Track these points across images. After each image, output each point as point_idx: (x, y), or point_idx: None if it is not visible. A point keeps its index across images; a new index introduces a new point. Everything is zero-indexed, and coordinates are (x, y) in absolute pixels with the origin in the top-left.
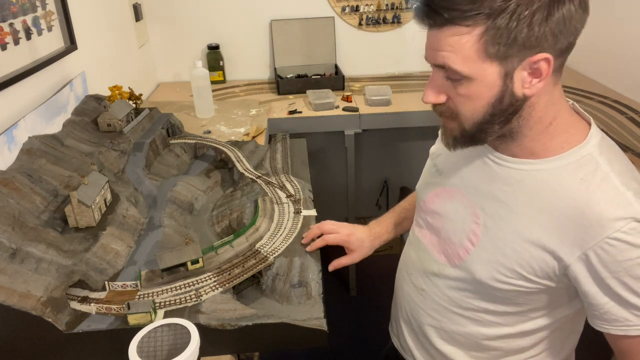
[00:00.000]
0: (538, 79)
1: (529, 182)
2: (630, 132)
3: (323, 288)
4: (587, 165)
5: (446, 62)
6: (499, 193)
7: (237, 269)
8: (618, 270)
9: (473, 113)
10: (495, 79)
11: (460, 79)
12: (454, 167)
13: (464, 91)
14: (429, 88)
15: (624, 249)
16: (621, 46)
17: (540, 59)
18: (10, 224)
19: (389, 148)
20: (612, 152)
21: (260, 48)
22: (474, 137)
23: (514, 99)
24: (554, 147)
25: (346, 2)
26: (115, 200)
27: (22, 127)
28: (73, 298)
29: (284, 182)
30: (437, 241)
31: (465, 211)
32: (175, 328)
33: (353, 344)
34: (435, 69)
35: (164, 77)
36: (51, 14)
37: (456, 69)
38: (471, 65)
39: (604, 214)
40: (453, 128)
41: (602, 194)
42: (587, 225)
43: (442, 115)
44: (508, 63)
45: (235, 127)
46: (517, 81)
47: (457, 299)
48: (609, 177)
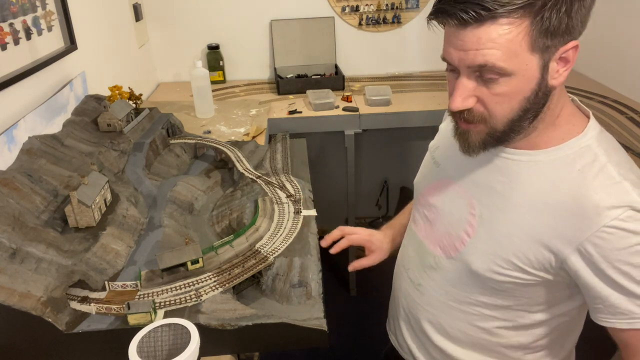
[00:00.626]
0: (565, 68)
1: (526, 173)
2: (630, 132)
3: (323, 288)
4: (585, 156)
5: (489, 60)
6: (496, 184)
7: (237, 269)
8: (617, 259)
9: (510, 112)
10: (535, 72)
11: (498, 77)
12: (451, 159)
13: (501, 89)
14: (457, 95)
15: (621, 236)
16: (621, 46)
17: (571, 47)
18: (10, 224)
19: (389, 148)
20: (610, 144)
21: (260, 48)
22: (501, 138)
23: (547, 91)
24: (555, 138)
25: (346, 2)
26: (115, 200)
27: (22, 127)
28: (73, 298)
29: (284, 182)
30: (433, 233)
31: (461, 202)
32: (175, 328)
33: (353, 344)
34: (466, 72)
35: (164, 77)
36: (51, 14)
37: (500, 67)
38: (515, 60)
39: (601, 203)
40: (480, 131)
41: (599, 184)
42: (584, 216)
43: (468, 122)
44: (547, 53)
45: (235, 127)
46: (551, 72)
47: (454, 293)
48: (606, 168)
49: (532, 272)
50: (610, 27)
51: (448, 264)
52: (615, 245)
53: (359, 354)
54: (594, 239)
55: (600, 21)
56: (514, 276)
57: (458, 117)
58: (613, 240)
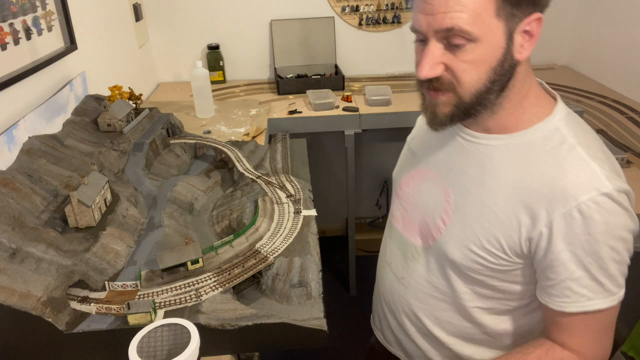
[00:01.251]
0: (529, 42)
1: (498, 156)
2: (630, 132)
3: (323, 288)
4: (554, 138)
5: (456, 23)
6: (469, 169)
7: (237, 269)
8: (575, 243)
9: (477, 81)
10: (501, 40)
11: (466, 43)
12: (427, 147)
13: (468, 57)
14: (425, 61)
15: (584, 223)
16: (621, 46)
17: (534, 19)
18: (10, 224)
19: (389, 148)
20: (578, 125)
21: (260, 48)
22: (469, 110)
23: (512, 63)
24: (524, 120)
25: (346, 2)
26: (115, 200)
27: (22, 127)
28: (73, 298)
29: (284, 182)
30: (411, 224)
31: (437, 190)
32: (175, 328)
33: (353, 344)
34: (434, 38)
35: (164, 77)
36: (51, 14)
37: (467, 30)
38: (481, 24)
39: (569, 185)
40: (447, 101)
41: (568, 166)
42: (553, 197)
43: (437, 90)
44: (512, 22)
45: (235, 127)
46: (516, 43)
47: (435, 283)
48: (575, 149)
49: (504, 256)
50: (610, 27)
51: (427, 253)
52: (576, 231)
53: (359, 354)
54: (561, 219)
55: (600, 21)
56: (488, 262)
57: (426, 86)
58: (575, 225)
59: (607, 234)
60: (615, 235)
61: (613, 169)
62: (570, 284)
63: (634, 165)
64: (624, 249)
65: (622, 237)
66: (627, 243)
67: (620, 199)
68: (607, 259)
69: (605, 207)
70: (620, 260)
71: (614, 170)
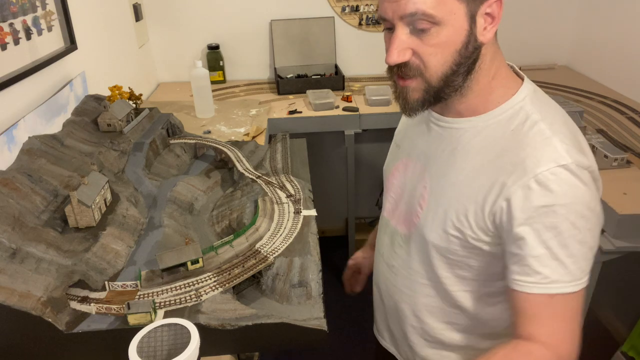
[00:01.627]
0: (491, 24)
1: (467, 138)
2: (630, 132)
3: (323, 288)
4: (518, 115)
5: (419, 7)
6: (442, 154)
7: (237, 269)
8: (534, 215)
9: (443, 64)
10: (463, 22)
11: (430, 27)
12: (408, 139)
13: (433, 40)
14: (393, 47)
15: (542, 193)
16: (621, 46)
17: (494, 1)
18: (10, 224)
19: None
20: (543, 102)
21: (260, 48)
22: (438, 93)
23: (476, 45)
24: (492, 101)
25: (346, 2)
26: (115, 200)
27: (22, 127)
28: (73, 298)
29: (284, 182)
30: (398, 213)
31: (416, 178)
32: (175, 328)
33: (353, 344)
34: (400, 24)
35: (164, 77)
36: (51, 14)
37: (430, 13)
38: (443, 7)
39: (528, 157)
40: (416, 87)
41: (529, 140)
42: (513, 171)
43: (405, 76)
44: (473, 4)
45: (235, 127)
46: (479, 25)
47: (419, 269)
48: (537, 125)
49: (474, 235)
50: (610, 27)
51: (410, 240)
52: (534, 203)
53: (359, 354)
54: (519, 190)
55: (600, 21)
56: (462, 240)
57: (396, 73)
58: (535, 195)
59: (565, 207)
60: (575, 210)
61: (576, 144)
62: (531, 261)
63: (634, 165)
64: (586, 228)
65: (583, 214)
66: (589, 222)
67: (579, 173)
68: (567, 235)
69: (563, 179)
70: (582, 241)
71: (576, 145)
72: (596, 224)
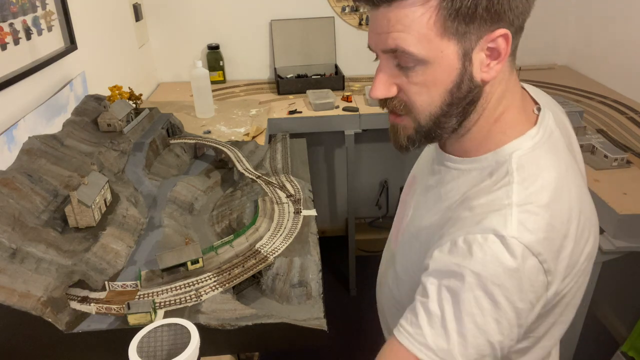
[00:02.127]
0: (496, 61)
1: (447, 178)
2: (630, 132)
3: (323, 288)
4: (499, 170)
5: (399, 44)
6: (425, 187)
7: (237, 269)
8: (443, 270)
9: (430, 104)
10: (454, 61)
11: (414, 65)
12: (422, 157)
13: (418, 79)
14: (377, 81)
15: (460, 253)
16: (621, 46)
17: (498, 36)
18: (10, 224)
19: (389, 148)
20: (540, 162)
21: (260, 48)
22: (429, 134)
23: (472, 85)
24: (484, 147)
25: (346, 2)
26: (115, 200)
27: (22, 127)
28: (73, 298)
29: (284, 182)
30: (394, 229)
31: (408, 202)
32: (175, 328)
33: (353, 344)
34: (384, 58)
35: (164, 77)
36: (51, 14)
37: (411, 52)
38: (427, 45)
39: (474, 216)
40: (406, 126)
41: (488, 200)
42: (454, 223)
43: (393, 112)
44: (466, 41)
45: (235, 127)
46: (476, 63)
47: (394, 293)
48: (507, 187)
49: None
50: (610, 27)
51: (392, 261)
52: (455, 259)
53: (359, 354)
54: (447, 243)
55: (600, 21)
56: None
57: (387, 107)
58: (456, 252)
59: (476, 278)
60: (486, 288)
61: (545, 227)
62: (420, 312)
63: (634, 165)
64: (492, 316)
65: (494, 298)
66: (498, 312)
67: (518, 253)
68: (465, 310)
69: (492, 248)
70: (481, 327)
71: (543, 228)
72: (509, 320)
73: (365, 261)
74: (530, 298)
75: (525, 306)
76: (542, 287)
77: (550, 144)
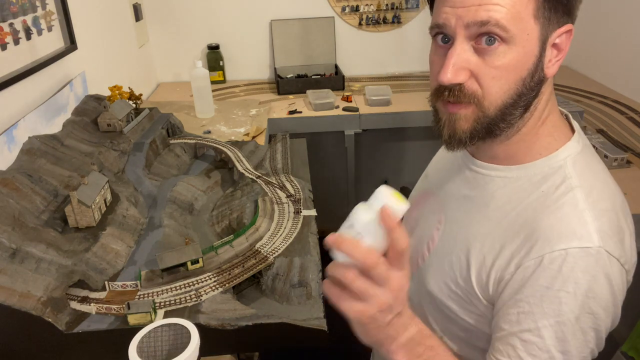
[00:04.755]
0: (557, 57)
1: (492, 187)
2: (630, 132)
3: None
4: (554, 176)
5: (493, 16)
6: (462, 198)
7: (237, 269)
8: (536, 295)
9: (505, 91)
10: (535, 46)
11: (498, 45)
12: (438, 171)
13: (500, 61)
14: (449, 64)
15: (551, 274)
16: (621, 46)
17: (565, 31)
18: (10, 224)
19: (389, 148)
20: (589, 166)
21: (260, 48)
22: (491, 127)
23: (541, 76)
24: (533, 151)
25: (346, 2)
26: (115, 200)
27: (22, 127)
28: (73, 298)
29: (284, 182)
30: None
31: (432, 217)
32: (175, 328)
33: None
34: (461, 39)
35: (164, 77)
36: (51, 14)
37: (504, 25)
38: (519, 23)
39: (550, 230)
40: (467, 117)
41: (556, 209)
42: (528, 240)
43: (457, 102)
44: (547, 28)
45: (235, 127)
46: (547, 55)
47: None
48: (572, 192)
49: (474, 295)
50: (610, 27)
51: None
52: (545, 282)
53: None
54: (530, 264)
55: (600, 21)
56: (460, 298)
57: (444, 98)
58: (544, 274)
59: (574, 298)
60: (584, 304)
61: (614, 226)
62: (516, 343)
63: (634, 165)
64: (591, 327)
65: (593, 311)
66: (597, 322)
67: (604, 263)
68: (567, 329)
69: (581, 265)
70: (584, 340)
71: (614, 227)
72: (605, 326)
73: None
74: (619, 300)
75: (616, 310)
76: (625, 288)
77: (590, 148)
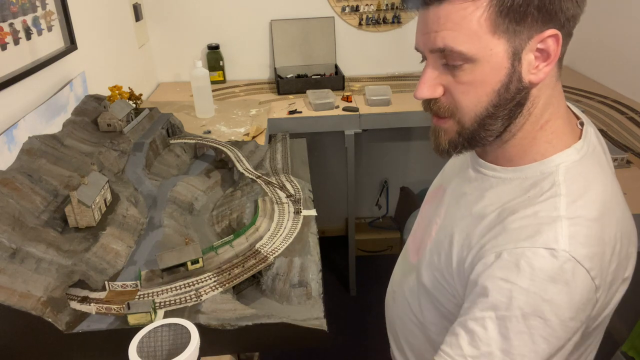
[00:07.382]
0: (545, 63)
1: (484, 187)
2: (630, 132)
3: (323, 288)
4: (543, 182)
5: (447, 43)
6: (463, 197)
7: (237, 269)
8: (487, 287)
9: (476, 104)
10: (503, 60)
11: (462, 63)
12: (452, 165)
13: (466, 78)
14: (423, 82)
15: (507, 267)
16: (621, 46)
17: (548, 36)
18: (10, 224)
19: (389, 148)
20: (587, 176)
21: (260, 48)
22: (473, 137)
23: (520, 86)
24: (529, 155)
25: (346, 2)
26: (115, 200)
27: (22, 127)
28: (73, 298)
29: (284, 182)
30: (415, 240)
31: (438, 210)
32: (175, 328)
33: (353, 344)
34: (431, 58)
35: (164, 77)
36: (51, 14)
37: (460, 50)
38: (476, 43)
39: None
40: (449, 128)
41: (534, 212)
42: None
43: (436, 114)
44: (517, 40)
45: (235, 127)
46: (525, 64)
47: (412, 306)
48: (554, 199)
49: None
50: (610, 27)
51: (414, 272)
52: (500, 273)
53: (359, 354)
54: (492, 255)
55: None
56: (449, 292)
57: (429, 110)
58: (500, 266)
59: (525, 294)
60: (536, 305)
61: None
62: (460, 331)
63: (634, 165)
64: (541, 335)
65: (545, 317)
66: (548, 330)
67: (569, 268)
68: (513, 328)
69: (541, 264)
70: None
71: (594, 241)
72: (561, 343)
73: (365, 261)
74: (580, 316)
75: (575, 324)
76: (591, 304)
77: (595, 159)
